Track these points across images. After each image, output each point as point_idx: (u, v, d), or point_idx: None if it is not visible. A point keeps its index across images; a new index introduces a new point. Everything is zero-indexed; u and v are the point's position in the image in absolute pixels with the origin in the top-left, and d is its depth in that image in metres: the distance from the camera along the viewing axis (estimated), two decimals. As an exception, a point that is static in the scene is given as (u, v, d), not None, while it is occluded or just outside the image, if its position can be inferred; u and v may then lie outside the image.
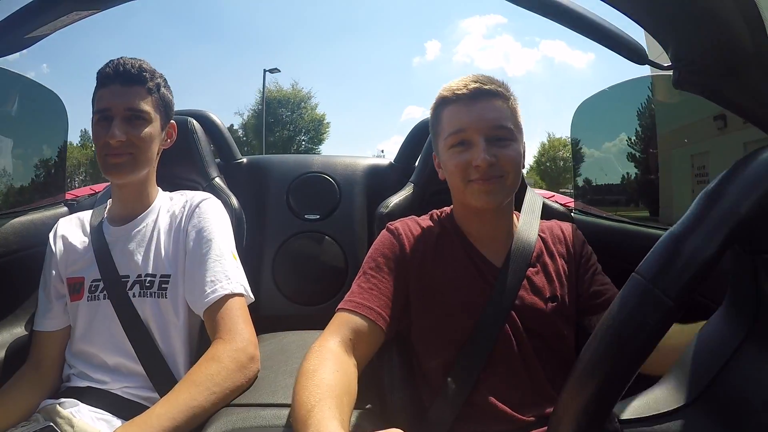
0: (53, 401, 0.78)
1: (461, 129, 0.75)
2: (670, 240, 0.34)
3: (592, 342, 0.35)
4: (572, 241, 0.84)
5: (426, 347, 0.78)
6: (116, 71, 0.84)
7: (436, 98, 0.82)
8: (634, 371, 0.33)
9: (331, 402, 0.53)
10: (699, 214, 0.33)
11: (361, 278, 0.76)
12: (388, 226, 0.83)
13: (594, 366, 0.34)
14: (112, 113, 0.84)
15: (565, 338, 0.77)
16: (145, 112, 0.86)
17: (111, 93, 0.84)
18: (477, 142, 0.74)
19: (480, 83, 0.77)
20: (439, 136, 0.80)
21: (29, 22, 0.66)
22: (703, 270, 0.31)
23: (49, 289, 0.88)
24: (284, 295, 1.22)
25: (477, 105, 0.76)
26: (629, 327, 0.33)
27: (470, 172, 0.74)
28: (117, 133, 0.82)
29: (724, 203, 0.32)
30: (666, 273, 0.33)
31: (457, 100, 0.77)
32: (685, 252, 0.33)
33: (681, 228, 0.34)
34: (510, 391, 0.73)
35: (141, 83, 0.86)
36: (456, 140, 0.76)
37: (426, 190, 1.08)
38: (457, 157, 0.76)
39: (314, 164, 1.36)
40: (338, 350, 0.65)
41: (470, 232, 0.82)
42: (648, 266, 0.34)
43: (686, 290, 0.32)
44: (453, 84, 0.79)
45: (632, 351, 0.32)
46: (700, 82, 0.63)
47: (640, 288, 0.34)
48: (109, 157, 0.84)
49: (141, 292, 0.84)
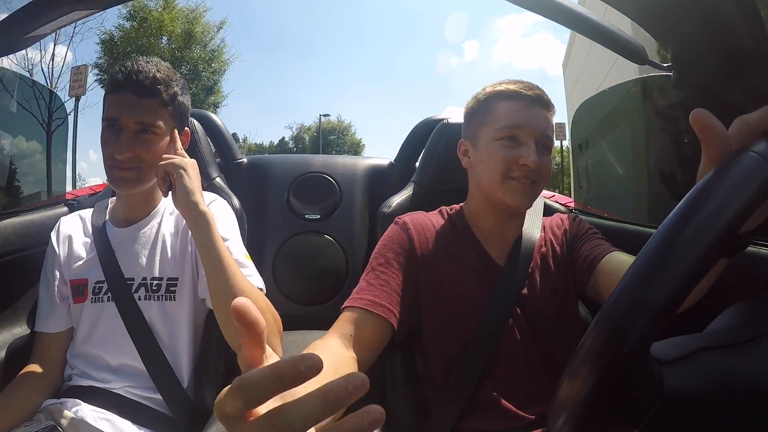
0: (55, 401, 0.78)
1: (518, 126, 0.76)
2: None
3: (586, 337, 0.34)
4: (569, 224, 0.85)
5: (432, 343, 0.78)
6: (128, 79, 0.79)
7: (490, 89, 0.81)
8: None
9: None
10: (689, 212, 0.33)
11: (370, 274, 0.76)
12: (396, 219, 0.82)
13: (584, 363, 0.33)
14: (121, 124, 0.79)
15: (569, 334, 0.77)
16: (158, 127, 0.81)
17: (122, 102, 0.79)
18: (528, 143, 0.75)
19: (540, 92, 0.79)
20: (485, 125, 0.80)
21: (29, 22, 0.66)
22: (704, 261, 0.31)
23: (53, 291, 0.87)
24: (284, 295, 1.22)
25: (535, 110, 0.77)
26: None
27: (514, 169, 0.75)
28: (124, 149, 0.78)
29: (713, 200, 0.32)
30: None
31: (518, 98, 0.78)
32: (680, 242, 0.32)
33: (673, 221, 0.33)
34: (514, 388, 0.73)
35: (155, 96, 0.80)
36: (508, 134, 0.76)
37: (428, 190, 1.08)
38: (504, 150, 0.76)
39: (315, 164, 1.36)
40: (336, 344, 0.64)
41: (481, 230, 0.82)
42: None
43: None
44: (512, 83, 0.80)
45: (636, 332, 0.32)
46: (700, 82, 0.64)
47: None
48: (115, 169, 0.80)
49: (147, 295, 0.84)
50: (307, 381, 0.24)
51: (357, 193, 1.31)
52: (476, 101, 0.83)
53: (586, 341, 0.31)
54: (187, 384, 0.83)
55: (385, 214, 1.00)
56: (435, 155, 1.08)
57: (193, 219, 0.76)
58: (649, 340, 0.30)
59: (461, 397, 0.72)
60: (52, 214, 1.07)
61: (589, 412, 0.30)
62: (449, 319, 0.76)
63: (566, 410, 0.32)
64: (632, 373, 0.30)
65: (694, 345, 0.34)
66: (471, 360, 0.73)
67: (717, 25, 0.56)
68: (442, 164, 1.07)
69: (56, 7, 0.63)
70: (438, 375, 0.76)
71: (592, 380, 0.30)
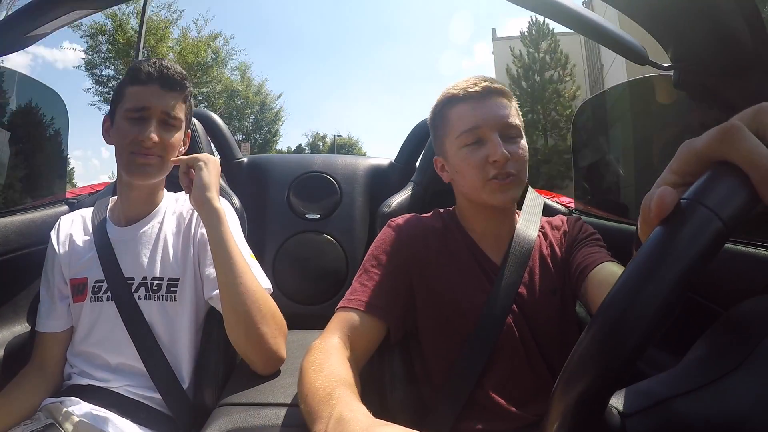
0: (55, 400, 0.78)
1: (476, 126, 0.75)
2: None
3: (587, 330, 0.34)
4: (569, 225, 0.84)
5: (429, 345, 0.78)
6: (160, 72, 0.83)
7: (440, 98, 0.81)
8: (632, 363, 0.31)
9: (348, 389, 0.52)
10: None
11: (363, 276, 0.76)
12: (389, 222, 0.83)
13: (588, 357, 0.33)
14: (150, 113, 0.83)
15: (567, 333, 0.77)
16: (179, 119, 0.86)
17: (150, 93, 0.83)
18: (492, 138, 0.74)
19: (488, 82, 0.77)
20: (446, 137, 0.79)
21: (29, 22, 0.66)
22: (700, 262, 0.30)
23: (53, 290, 0.88)
24: (284, 295, 1.22)
25: (488, 102, 0.76)
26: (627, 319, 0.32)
27: (488, 169, 0.74)
28: (154, 135, 0.81)
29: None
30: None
31: (467, 97, 0.76)
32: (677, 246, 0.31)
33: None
34: (513, 387, 0.73)
35: (181, 90, 0.86)
36: (470, 138, 0.75)
37: (428, 190, 1.08)
38: (473, 155, 0.75)
39: (315, 163, 1.36)
40: (340, 346, 0.65)
41: (474, 230, 0.82)
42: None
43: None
44: (460, 83, 0.79)
45: (630, 344, 0.31)
46: (700, 83, 0.63)
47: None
48: (137, 156, 0.82)
49: (147, 295, 0.84)
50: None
51: (357, 193, 1.31)
52: (433, 114, 0.83)
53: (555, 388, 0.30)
54: (186, 384, 0.83)
55: (385, 213, 1.00)
56: (434, 159, 1.08)
57: (207, 213, 0.78)
58: (607, 395, 0.29)
59: (460, 397, 0.72)
60: (52, 212, 1.07)
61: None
62: (446, 319, 0.76)
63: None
64: (591, 428, 0.29)
65: (659, 394, 0.33)
66: (470, 359, 0.73)
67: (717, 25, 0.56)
68: None
69: (56, 6, 0.63)
70: (437, 375, 0.76)
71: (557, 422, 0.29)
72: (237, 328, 0.74)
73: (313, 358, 0.60)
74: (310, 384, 0.54)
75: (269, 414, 0.64)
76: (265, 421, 0.63)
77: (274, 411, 0.64)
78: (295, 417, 0.64)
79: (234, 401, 0.69)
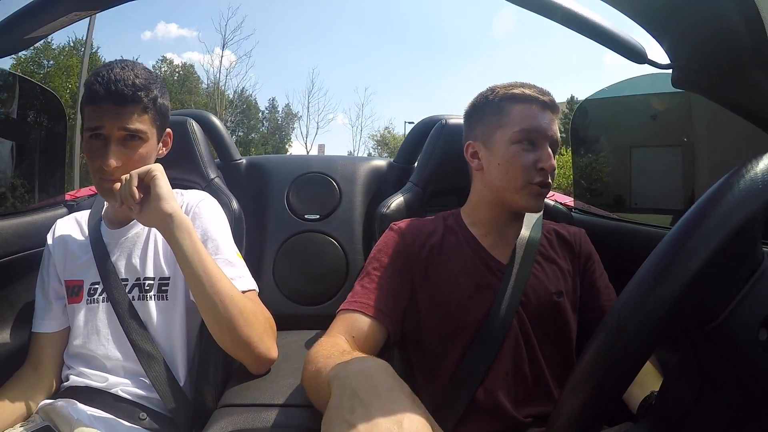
0: (51, 401, 0.78)
1: (536, 129, 0.76)
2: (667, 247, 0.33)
3: (587, 350, 0.35)
4: (580, 244, 0.85)
5: (432, 346, 0.78)
6: (108, 90, 0.75)
7: (505, 90, 0.81)
8: (627, 382, 0.32)
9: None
10: (695, 221, 0.33)
11: (365, 278, 0.76)
12: (392, 225, 0.83)
13: (588, 374, 0.33)
14: (105, 133, 0.77)
15: (570, 334, 0.78)
16: (141, 131, 0.79)
17: (104, 112, 0.76)
18: (545, 147, 0.76)
19: (552, 97, 0.80)
20: (502, 127, 0.79)
21: (29, 24, 0.66)
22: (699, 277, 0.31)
23: (48, 291, 0.88)
24: (284, 295, 1.22)
25: (548, 114, 0.78)
26: (623, 337, 0.33)
27: (533, 174, 0.76)
28: (112, 161, 0.76)
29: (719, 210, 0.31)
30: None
31: (534, 101, 0.78)
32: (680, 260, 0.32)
33: (676, 235, 0.33)
34: (513, 388, 0.73)
35: (136, 102, 0.78)
36: (525, 137, 0.77)
37: (426, 190, 1.08)
38: (524, 154, 0.76)
39: (314, 164, 1.36)
40: (346, 344, 0.66)
41: (480, 230, 0.82)
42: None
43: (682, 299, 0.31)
44: (527, 87, 0.80)
45: (625, 364, 0.32)
46: (699, 81, 0.63)
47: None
48: (105, 182, 0.78)
49: (140, 295, 0.84)
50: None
51: (356, 193, 1.31)
52: (487, 102, 0.82)
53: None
54: (183, 383, 0.83)
55: (384, 214, 1.01)
56: (433, 155, 1.08)
57: (175, 226, 0.73)
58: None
59: (464, 398, 0.72)
60: (51, 215, 1.07)
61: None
62: (451, 321, 0.76)
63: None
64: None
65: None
66: (476, 359, 0.73)
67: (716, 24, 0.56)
68: (440, 164, 1.07)
69: (56, 7, 0.63)
70: (441, 376, 0.76)
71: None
72: (221, 335, 0.74)
73: (320, 350, 0.61)
74: (318, 353, 0.58)
75: (271, 415, 0.64)
76: (268, 423, 0.62)
77: (276, 412, 0.64)
78: (297, 418, 0.63)
79: (235, 402, 0.69)
